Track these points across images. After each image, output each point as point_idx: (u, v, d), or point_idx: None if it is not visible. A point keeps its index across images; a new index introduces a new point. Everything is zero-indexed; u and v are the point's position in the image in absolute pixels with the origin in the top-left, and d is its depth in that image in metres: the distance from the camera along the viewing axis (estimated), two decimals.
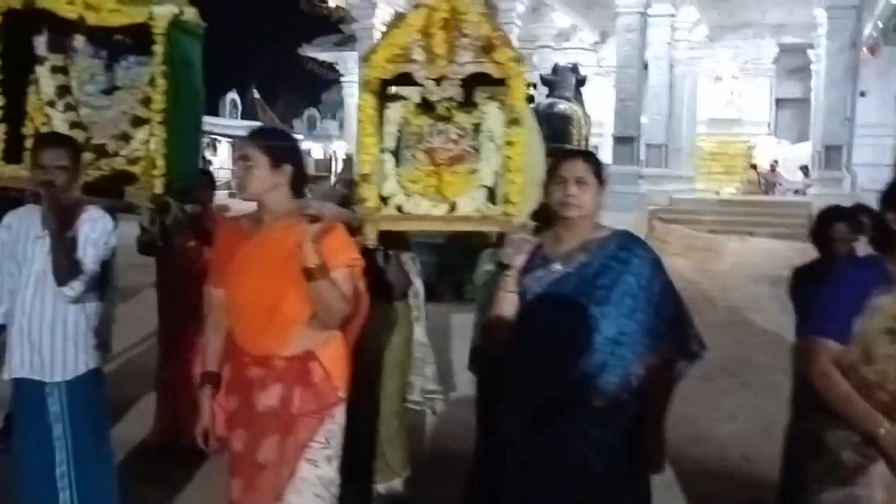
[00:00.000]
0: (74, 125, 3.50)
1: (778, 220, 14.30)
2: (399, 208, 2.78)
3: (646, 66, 15.25)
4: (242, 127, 37.87)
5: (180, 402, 4.07)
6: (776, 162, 20.66)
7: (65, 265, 2.65)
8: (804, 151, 20.13)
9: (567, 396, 2.20)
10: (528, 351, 2.26)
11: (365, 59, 2.72)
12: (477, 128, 2.83)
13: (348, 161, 18.32)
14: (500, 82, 2.77)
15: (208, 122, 33.58)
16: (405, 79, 2.80)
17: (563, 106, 13.61)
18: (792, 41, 21.44)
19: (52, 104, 3.51)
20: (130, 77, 3.57)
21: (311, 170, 21.76)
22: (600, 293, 2.19)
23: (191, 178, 3.61)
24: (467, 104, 2.85)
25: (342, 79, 26.05)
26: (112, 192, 3.31)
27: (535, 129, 2.70)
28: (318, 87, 40.32)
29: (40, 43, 3.55)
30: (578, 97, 14.58)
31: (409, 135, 2.87)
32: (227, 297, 2.36)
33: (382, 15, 16.79)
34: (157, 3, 3.27)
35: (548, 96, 14.23)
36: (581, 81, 14.70)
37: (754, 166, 20.07)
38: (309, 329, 2.28)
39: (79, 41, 3.36)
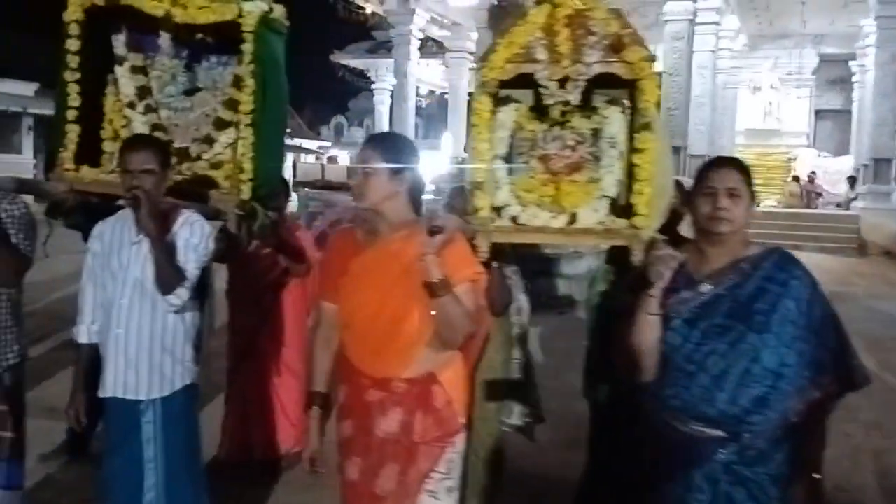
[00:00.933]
0: (156, 127, 3.35)
1: (825, 233, 13.94)
2: (514, 219, 2.58)
3: None
4: None
5: (251, 415, 3.91)
6: (814, 173, 20.25)
7: (169, 272, 2.49)
8: (846, 164, 19.72)
9: (719, 432, 2.00)
10: (674, 381, 2.05)
11: (482, 59, 2.54)
12: (596, 133, 2.63)
13: None
14: (623, 84, 2.58)
15: None
16: (521, 81, 2.61)
17: None
18: (833, 51, 21.07)
19: (132, 106, 3.37)
20: (212, 78, 3.42)
21: (343, 177, 21.69)
22: (759, 319, 1.98)
23: (275, 184, 3.45)
24: (584, 108, 2.65)
25: (374, 86, 26.03)
26: (194, 196, 3.15)
27: (665, 134, 2.50)
28: (346, 94, 40.45)
29: (119, 42, 3.41)
30: None
31: (522, 141, 2.67)
32: (342, 312, 2.18)
33: (420, 21, 16.72)
34: (246, 0, 3.12)
35: None
36: None
37: (796, 178, 19.66)
38: (430, 349, 2.09)
39: (163, 40, 3.20)
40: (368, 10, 17.53)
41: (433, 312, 2.01)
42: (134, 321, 2.57)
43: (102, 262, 2.64)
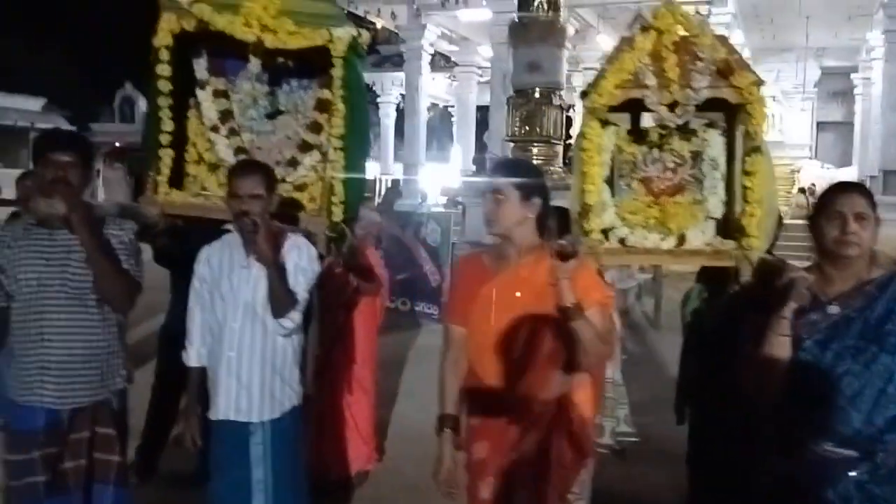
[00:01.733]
0: (239, 150, 3.39)
1: None
2: (622, 241, 2.63)
3: None
4: None
5: (324, 433, 3.93)
6: (814, 185, 20.37)
7: (283, 296, 2.53)
8: (848, 175, 19.87)
9: (852, 451, 2.04)
10: (807, 401, 2.10)
11: (591, 86, 2.59)
12: (696, 155, 2.69)
13: (395, 185, 18.24)
14: (725, 107, 2.64)
15: None
16: (626, 106, 2.66)
17: None
18: (835, 64, 21.29)
19: (215, 129, 3.40)
20: (293, 101, 3.47)
21: None
22: (891, 340, 2.03)
23: (359, 206, 3.49)
24: (682, 131, 2.71)
25: (379, 100, 26.13)
26: (284, 218, 3.19)
27: (770, 157, 2.56)
28: None
29: (200, 66, 3.45)
30: None
31: (622, 163, 2.73)
32: (475, 336, 2.22)
33: (430, 36, 16.83)
34: (336, 25, 3.17)
35: None
36: None
37: (803, 190, 19.78)
38: (565, 371, 2.13)
39: (253, 65, 3.23)
40: (378, 25, 17.67)
41: (569, 335, 2.05)
42: (245, 344, 2.60)
43: (211, 286, 2.67)
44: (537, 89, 9.92)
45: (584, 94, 2.63)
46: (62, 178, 2.48)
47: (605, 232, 2.66)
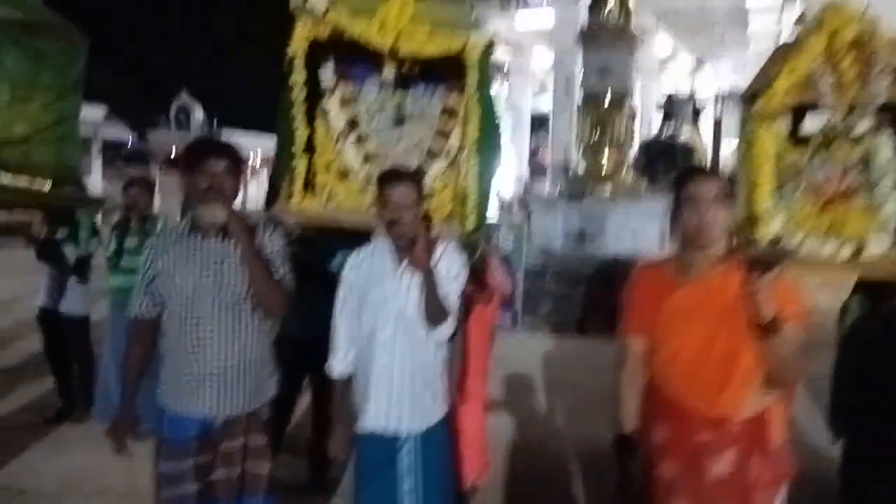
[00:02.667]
0: (367, 158, 3.36)
1: None
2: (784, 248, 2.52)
3: None
4: None
5: None
6: None
7: (438, 305, 2.47)
8: None
9: None
10: None
11: (759, 90, 2.49)
12: (863, 160, 2.56)
13: None
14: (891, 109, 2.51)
15: None
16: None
17: (685, 137, 13.32)
18: None
19: (342, 137, 3.39)
20: (420, 107, 3.43)
21: None
22: None
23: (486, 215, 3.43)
24: (848, 135, 2.59)
25: None
26: None
27: None
28: None
29: (326, 73, 3.43)
30: (695, 127, 14.27)
31: (785, 169, 2.61)
32: (660, 351, 2.13)
33: None
34: (470, 31, 3.13)
35: (663, 125, 13.95)
36: (698, 111, 14.40)
37: None
38: (762, 388, 2.03)
39: (386, 71, 3.21)
40: None
41: (766, 351, 1.95)
42: (396, 354, 2.55)
43: (360, 294, 2.63)
44: (608, 95, 9.79)
45: (749, 99, 2.52)
46: (218, 185, 2.47)
47: (774, 241, 2.55)
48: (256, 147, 31.35)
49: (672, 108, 13.94)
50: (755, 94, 2.49)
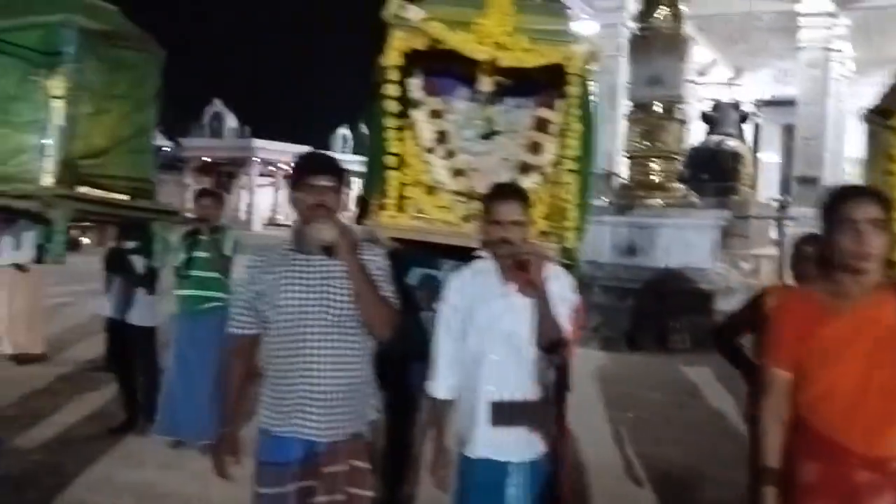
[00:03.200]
0: (457, 172, 3.28)
1: None
2: None
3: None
4: (354, 161, 38.51)
5: None
6: None
7: (554, 328, 2.37)
8: None
9: None
10: None
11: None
12: None
13: None
14: None
15: None
16: None
17: (732, 143, 13.10)
18: None
19: (431, 150, 3.31)
20: (509, 121, 3.34)
21: None
22: None
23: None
24: None
25: None
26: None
27: None
28: None
29: (415, 86, 3.35)
30: (741, 134, 14.03)
31: None
32: (812, 385, 2.00)
33: None
34: (570, 42, 3.03)
35: (709, 133, 13.73)
36: (743, 118, 14.16)
37: None
38: None
39: (483, 84, 3.12)
40: None
41: None
42: (505, 377, 2.45)
43: (465, 316, 2.53)
44: (658, 103, 9.62)
45: (881, 113, 2.39)
46: (325, 203, 2.39)
47: None
48: (285, 157, 31.65)
49: (719, 114, 13.71)
50: (887, 109, 2.35)
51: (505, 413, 2.44)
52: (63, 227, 3.66)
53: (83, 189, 3.69)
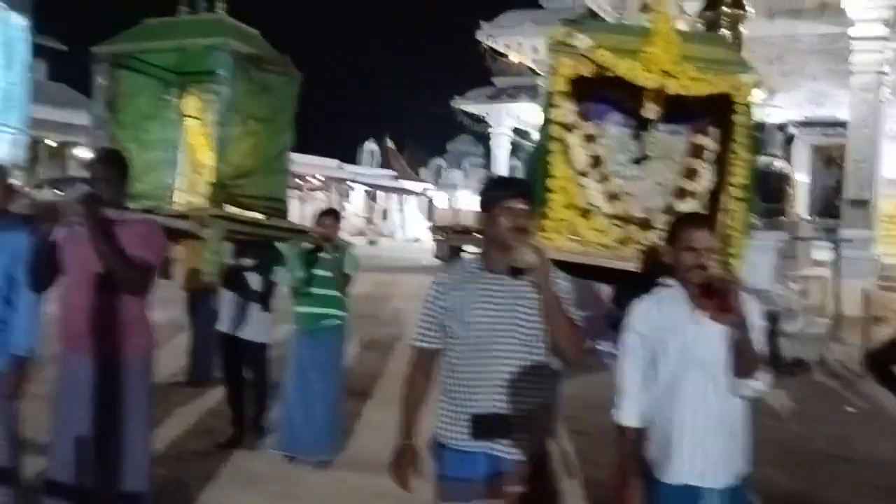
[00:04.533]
0: (612, 197, 3.34)
1: None
2: None
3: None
4: (381, 175, 38.73)
5: None
6: None
7: (751, 355, 2.40)
8: None
9: None
10: None
11: None
12: None
13: None
14: None
15: (348, 169, 34.66)
16: None
17: (779, 164, 13.09)
18: None
19: (584, 174, 3.37)
20: (664, 147, 3.40)
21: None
22: None
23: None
24: None
25: (491, 131, 26.32)
26: (657, 270, 3.10)
27: None
28: (442, 136, 41.01)
29: (568, 110, 3.42)
30: (787, 155, 14.04)
31: None
32: None
33: None
34: (738, 71, 3.09)
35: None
36: (789, 139, 14.17)
37: None
38: None
39: (651, 111, 3.18)
40: (515, 60, 17.74)
41: None
42: (700, 404, 2.47)
43: (654, 344, 2.56)
44: None
45: None
46: (524, 226, 2.44)
47: None
48: (314, 170, 31.81)
49: (765, 136, 13.74)
50: None
51: (708, 440, 2.47)
52: (217, 247, 3.73)
53: (232, 209, 3.76)
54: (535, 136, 17.13)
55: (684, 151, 3.32)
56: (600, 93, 3.34)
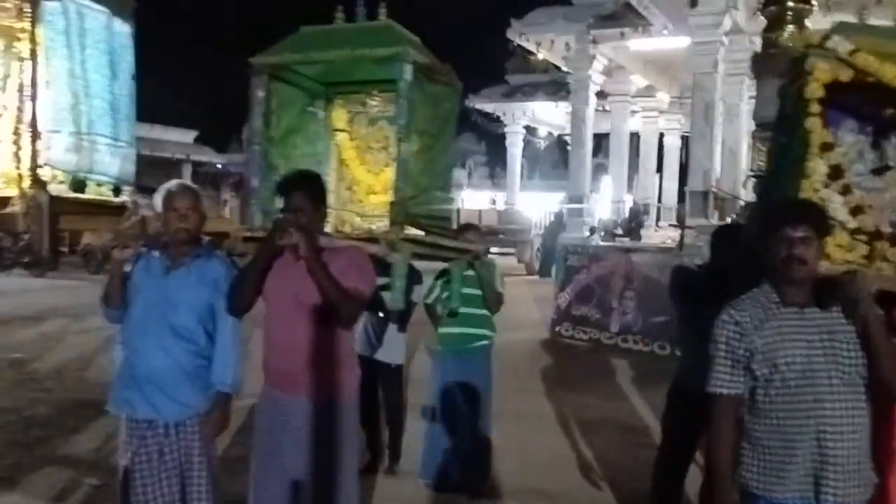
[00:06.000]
0: (855, 210, 3.09)
1: None
2: None
3: None
4: None
5: None
6: None
7: None
8: None
9: None
10: None
11: None
12: None
13: (558, 218, 17.90)
14: None
15: None
16: None
17: None
18: None
19: (825, 185, 3.11)
20: None
21: (496, 221, 21.65)
22: None
23: None
24: None
25: (506, 129, 26.14)
26: None
27: None
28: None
29: None
30: None
31: None
32: None
33: (598, 67, 16.59)
34: None
35: None
36: None
37: None
38: None
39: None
40: (541, 57, 17.52)
41: None
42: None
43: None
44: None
45: None
46: (803, 256, 2.26)
47: None
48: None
49: None
50: None
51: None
52: (404, 272, 3.47)
53: (412, 230, 3.49)
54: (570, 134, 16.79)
55: None
56: (836, 98, 3.08)
